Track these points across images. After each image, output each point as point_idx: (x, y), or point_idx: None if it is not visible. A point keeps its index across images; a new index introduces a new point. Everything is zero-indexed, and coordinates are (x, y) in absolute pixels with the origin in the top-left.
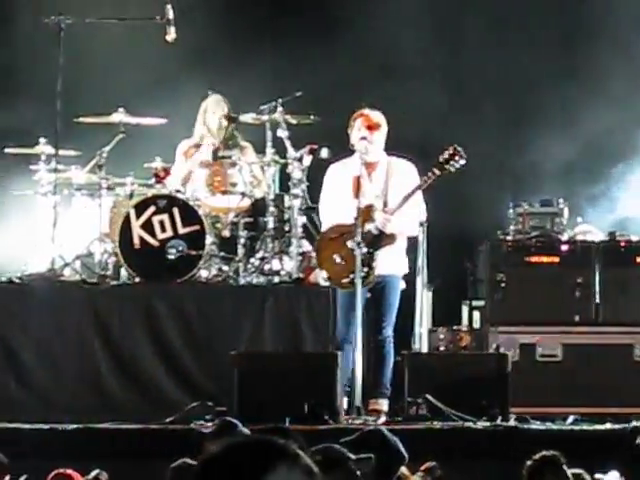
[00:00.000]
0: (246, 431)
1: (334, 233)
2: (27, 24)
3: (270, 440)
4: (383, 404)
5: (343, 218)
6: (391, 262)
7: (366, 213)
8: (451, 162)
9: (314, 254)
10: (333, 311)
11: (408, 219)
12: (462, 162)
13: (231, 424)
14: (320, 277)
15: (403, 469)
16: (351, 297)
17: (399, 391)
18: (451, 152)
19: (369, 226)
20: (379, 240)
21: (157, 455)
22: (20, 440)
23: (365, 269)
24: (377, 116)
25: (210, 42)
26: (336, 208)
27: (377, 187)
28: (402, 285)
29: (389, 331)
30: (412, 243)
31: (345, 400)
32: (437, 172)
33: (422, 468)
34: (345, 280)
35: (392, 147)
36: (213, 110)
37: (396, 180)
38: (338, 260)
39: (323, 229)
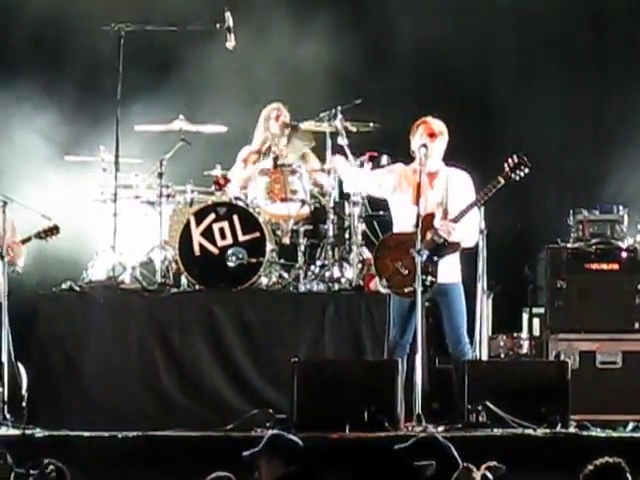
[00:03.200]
0: (296, 439)
1: (394, 242)
2: (87, 32)
3: None
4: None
5: (399, 221)
6: (450, 271)
7: (428, 221)
8: (516, 171)
9: (374, 260)
10: (388, 317)
11: (470, 228)
12: (527, 171)
13: (279, 437)
14: (380, 285)
15: (469, 466)
16: (405, 304)
17: (459, 398)
18: (516, 161)
19: (431, 234)
20: (442, 248)
21: (218, 462)
22: (81, 448)
23: (429, 278)
24: (439, 124)
25: (270, 49)
26: (379, 179)
27: (438, 195)
28: (462, 296)
29: (465, 338)
30: (473, 250)
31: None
32: (502, 181)
33: (485, 466)
34: (409, 289)
35: (460, 153)
36: (274, 117)
37: (456, 190)
38: (402, 270)
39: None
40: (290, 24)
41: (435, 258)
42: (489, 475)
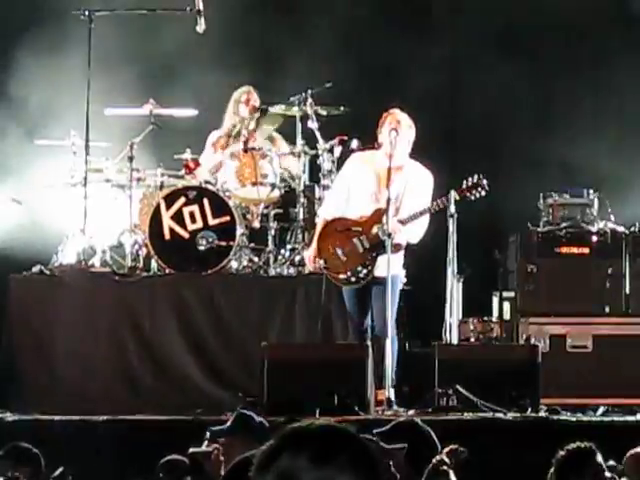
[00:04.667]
0: (263, 422)
1: (340, 225)
2: (57, 16)
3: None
4: (390, 393)
5: (353, 208)
6: (390, 265)
7: (378, 215)
8: (473, 191)
9: (317, 239)
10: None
11: (415, 229)
12: (483, 193)
13: (246, 417)
14: (318, 264)
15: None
16: (353, 291)
17: (429, 382)
18: (475, 181)
19: (377, 229)
20: (383, 246)
21: (188, 446)
22: (52, 432)
23: (364, 270)
24: (406, 117)
25: (240, 33)
26: (346, 195)
27: (395, 191)
28: (402, 280)
29: (393, 333)
30: (442, 233)
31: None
32: (457, 197)
33: (446, 450)
34: (342, 276)
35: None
36: (244, 100)
37: (412, 188)
38: (340, 254)
39: (326, 211)
40: (261, 7)
41: (374, 253)
42: (448, 460)
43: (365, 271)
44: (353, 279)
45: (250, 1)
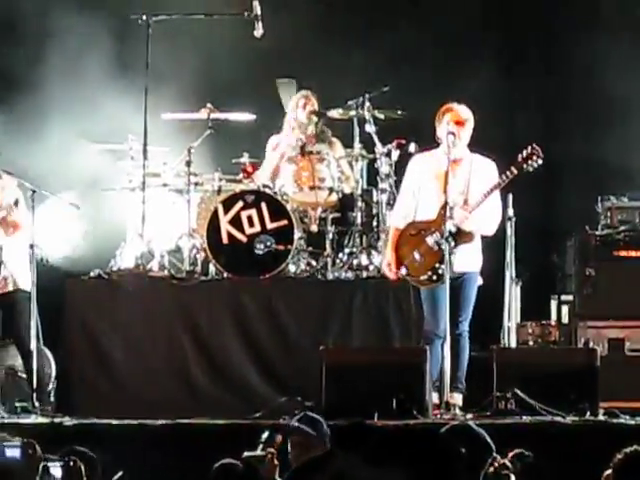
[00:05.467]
0: (324, 425)
1: (413, 229)
2: (115, 21)
3: None
4: (458, 399)
5: (423, 211)
6: (468, 259)
7: (446, 211)
8: (529, 161)
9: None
10: (419, 306)
11: (486, 217)
12: (540, 162)
13: (312, 419)
14: (401, 272)
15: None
16: (432, 292)
17: (487, 386)
18: (529, 151)
19: (447, 223)
20: (457, 237)
21: (246, 450)
22: (110, 435)
23: (442, 266)
24: (465, 111)
25: (298, 37)
26: (413, 201)
27: (460, 183)
28: (479, 281)
29: (465, 326)
30: (500, 237)
31: (436, 395)
32: (515, 171)
33: (512, 454)
34: (423, 277)
35: (480, 142)
36: (301, 105)
37: (478, 178)
38: (417, 257)
39: (396, 219)
40: (319, 14)
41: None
42: (512, 465)
43: (443, 267)
44: (434, 277)
45: (307, 5)
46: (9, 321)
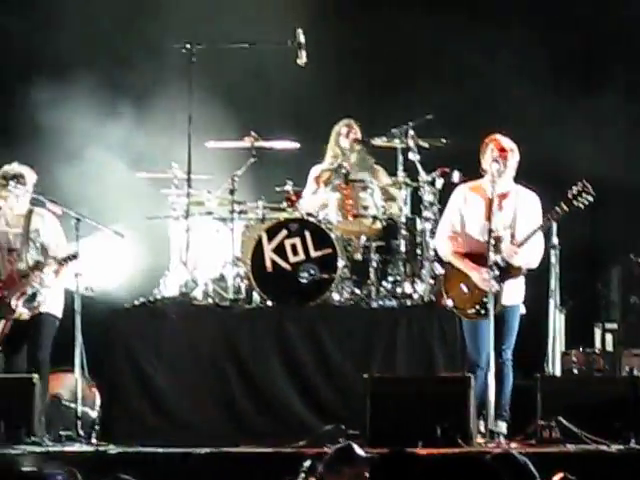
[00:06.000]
0: (364, 455)
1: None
2: (159, 50)
3: None
4: (502, 427)
5: (468, 241)
6: (513, 293)
7: (495, 246)
8: (579, 198)
9: (443, 279)
10: (463, 334)
11: (533, 252)
12: (590, 199)
13: (348, 449)
14: (446, 303)
15: None
16: (474, 323)
17: (531, 414)
18: (580, 188)
19: (496, 257)
20: (505, 272)
21: (293, 478)
22: (154, 464)
23: (492, 301)
24: (509, 142)
25: (342, 65)
26: (457, 236)
27: (507, 217)
28: (522, 309)
29: (509, 354)
30: (544, 265)
31: (481, 423)
32: (565, 208)
33: (557, 477)
34: (471, 311)
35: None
36: (344, 133)
37: (524, 212)
38: (465, 290)
39: (442, 249)
40: (363, 42)
41: (498, 281)
42: None
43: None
44: (482, 311)
45: (350, 34)
46: (27, 339)
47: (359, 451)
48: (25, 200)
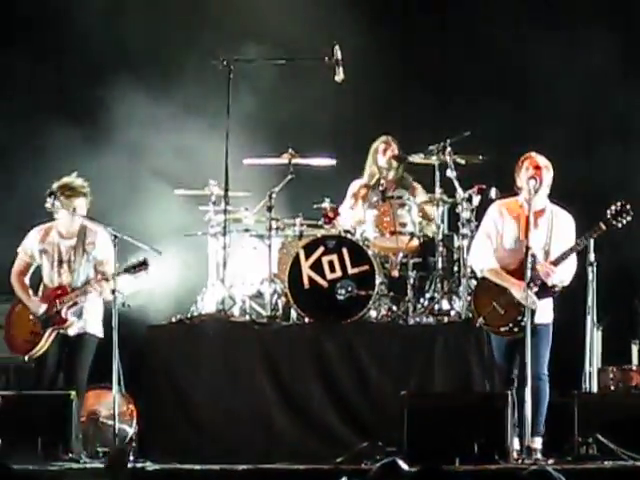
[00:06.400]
0: (408, 469)
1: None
2: (196, 65)
3: None
4: (537, 442)
5: (502, 257)
6: (544, 312)
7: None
8: (619, 218)
9: (473, 297)
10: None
11: (567, 270)
12: (629, 218)
13: (394, 465)
14: (477, 322)
15: None
16: (504, 340)
17: (569, 431)
18: (619, 208)
19: (530, 272)
20: (540, 291)
21: None
22: None
23: (524, 319)
24: (543, 159)
25: (378, 82)
26: (492, 245)
27: (542, 235)
28: (550, 336)
29: (544, 369)
30: (582, 282)
31: (516, 440)
32: (604, 227)
33: None
34: (503, 329)
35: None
36: (382, 150)
37: (559, 231)
38: (498, 308)
39: (478, 264)
40: (401, 59)
41: (534, 306)
42: None
43: (525, 319)
44: (516, 329)
45: (388, 51)
46: (67, 359)
47: (404, 466)
48: (83, 213)
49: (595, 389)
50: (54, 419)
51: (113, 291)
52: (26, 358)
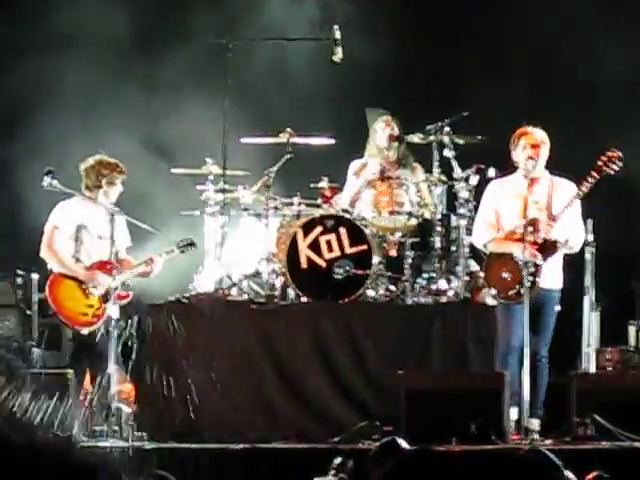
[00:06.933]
0: (409, 448)
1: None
2: (194, 45)
3: None
4: (535, 424)
5: (503, 233)
6: (550, 277)
7: (532, 226)
8: (610, 164)
9: (482, 274)
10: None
11: (573, 231)
12: (620, 164)
13: (394, 444)
14: (488, 297)
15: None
16: (509, 308)
17: (566, 411)
18: (609, 155)
19: (533, 236)
20: (543, 249)
21: (325, 474)
22: (189, 459)
23: (530, 278)
24: (540, 134)
25: (378, 62)
26: (495, 226)
27: (541, 200)
28: (558, 307)
29: (544, 351)
30: (580, 263)
31: (514, 410)
32: (596, 175)
33: (589, 477)
34: (512, 292)
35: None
36: (381, 129)
37: (560, 196)
38: (505, 275)
39: (480, 239)
40: (400, 39)
41: (539, 262)
42: None
43: (532, 279)
44: (523, 290)
45: (386, 30)
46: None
47: (404, 445)
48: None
49: (593, 370)
50: (51, 398)
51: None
52: (86, 332)
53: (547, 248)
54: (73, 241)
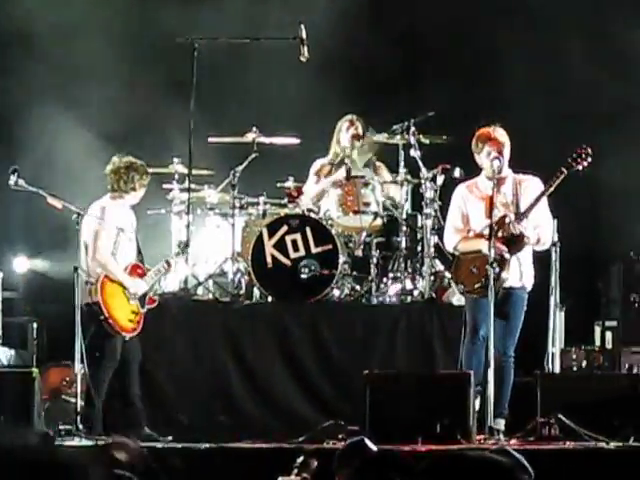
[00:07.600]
0: (376, 449)
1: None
2: (161, 44)
3: None
4: (500, 424)
5: (475, 230)
6: (518, 274)
7: (500, 224)
8: (579, 160)
9: (447, 274)
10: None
11: (542, 226)
12: (589, 160)
13: (362, 444)
14: (453, 297)
15: None
16: (476, 302)
17: (531, 411)
18: (578, 151)
19: (501, 232)
20: (510, 244)
21: (290, 474)
22: (152, 459)
23: (496, 270)
24: (502, 135)
25: (343, 61)
26: (464, 230)
27: (507, 199)
28: (524, 307)
29: (511, 351)
30: (545, 263)
31: (477, 401)
32: (564, 171)
33: None
34: (477, 285)
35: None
36: (345, 129)
37: (526, 192)
38: (474, 270)
39: (451, 242)
40: (364, 36)
41: (506, 255)
42: None
43: (498, 270)
44: (488, 283)
45: (353, 30)
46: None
47: (372, 446)
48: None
49: (558, 370)
50: (16, 397)
51: (75, 268)
52: (127, 337)
53: (514, 242)
54: (112, 243)
